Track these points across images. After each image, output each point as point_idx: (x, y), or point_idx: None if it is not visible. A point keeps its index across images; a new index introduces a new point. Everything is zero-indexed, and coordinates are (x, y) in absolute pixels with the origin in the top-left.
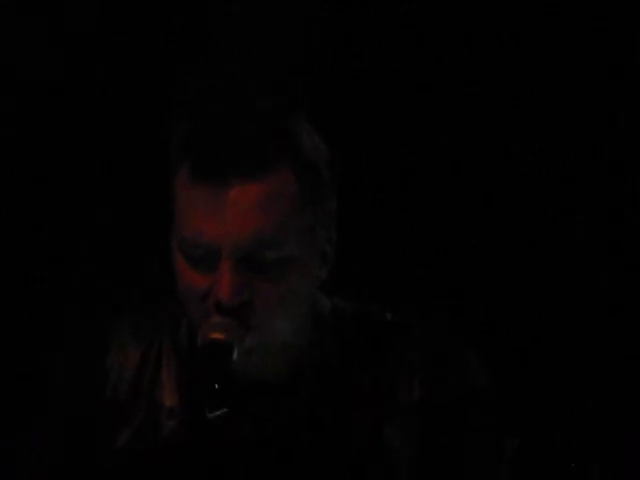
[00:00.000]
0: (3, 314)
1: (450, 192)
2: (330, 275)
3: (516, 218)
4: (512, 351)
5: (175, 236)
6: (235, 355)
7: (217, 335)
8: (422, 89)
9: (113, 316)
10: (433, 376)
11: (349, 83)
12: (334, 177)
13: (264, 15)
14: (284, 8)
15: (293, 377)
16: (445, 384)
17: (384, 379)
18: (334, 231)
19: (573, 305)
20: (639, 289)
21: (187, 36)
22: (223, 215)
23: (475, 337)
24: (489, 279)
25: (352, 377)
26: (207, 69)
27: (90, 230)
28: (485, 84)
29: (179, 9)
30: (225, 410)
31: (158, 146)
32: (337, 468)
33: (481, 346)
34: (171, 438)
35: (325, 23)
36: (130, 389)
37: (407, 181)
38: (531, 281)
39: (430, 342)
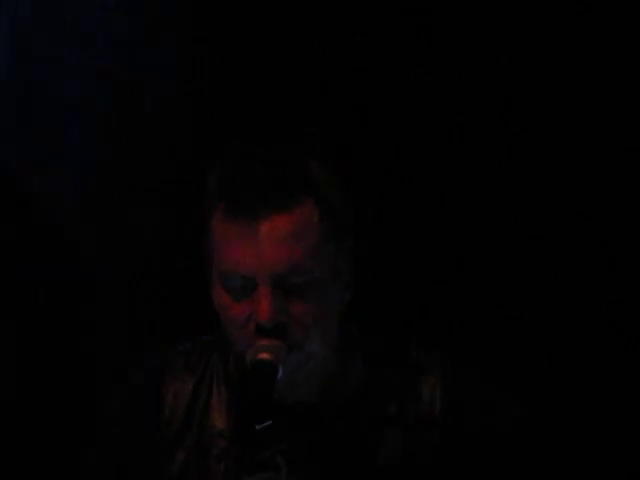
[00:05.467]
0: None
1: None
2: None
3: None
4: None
5: (215, 271)
6: (280, 373)
7: (264, 355)
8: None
9: (167, 349)
10: (452, 402)
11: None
12: (352, 217)
13: None
14: None
15: (326, 397)
16: (462, 410)
17: (408, 403)
18: (352, 263)
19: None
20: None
21: None
22: (257, 247)
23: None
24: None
25: (378, 400)
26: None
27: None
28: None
29: None
30: (270, 423)
31: None
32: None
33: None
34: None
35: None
36: (184, 415)
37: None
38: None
39: (450, 371)
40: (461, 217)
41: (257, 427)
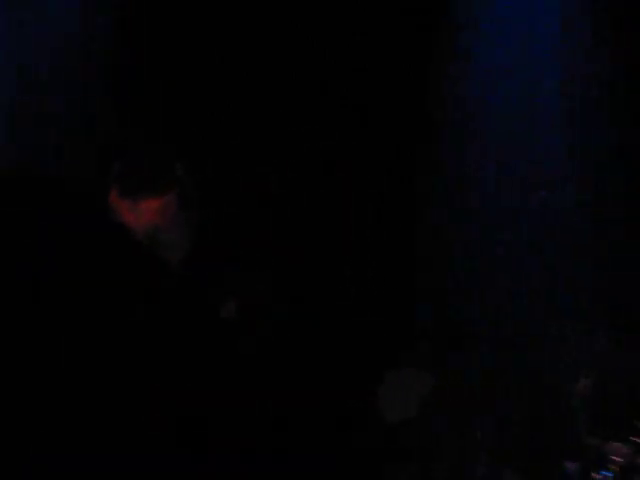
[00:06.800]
0: None
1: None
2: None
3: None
4: None
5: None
6: None
7: None
8: None
9: None
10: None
11: None
12: (195, 201)
13: None
14: None
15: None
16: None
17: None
18: (194, 226)
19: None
20: None
21: None
22: (138, 216)
23: None
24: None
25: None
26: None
27: None
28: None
29: None
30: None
31: None
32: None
33: None
34: None
35: None
36: None
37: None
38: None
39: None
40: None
41: None
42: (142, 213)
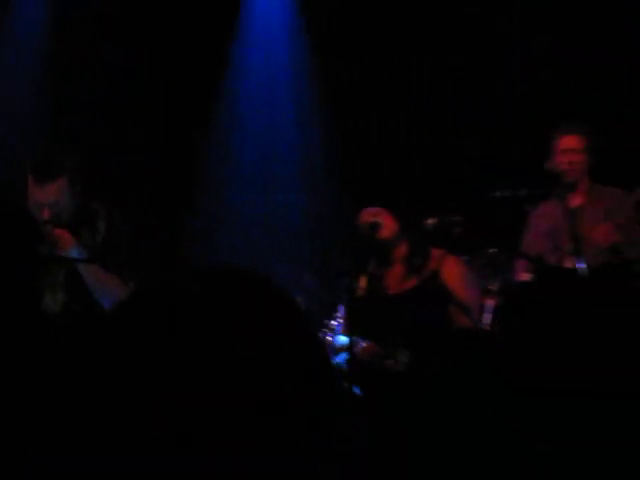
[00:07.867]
0: None
1: None
2: None
3: None
4: None
5: (30, 198)
6: None
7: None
8: None
9: None
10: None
11: None
12: (79, 184)
13: None
14: None
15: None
16: None
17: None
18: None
19: None
20: None
21: None
22: (44, 194)
23: None
24: None
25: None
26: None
27: None
28: None
29: None
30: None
31: None
32: None
33: None
34: None
35: None
36: None
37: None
38: None
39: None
40: None
41: None
42: (46, 192)
